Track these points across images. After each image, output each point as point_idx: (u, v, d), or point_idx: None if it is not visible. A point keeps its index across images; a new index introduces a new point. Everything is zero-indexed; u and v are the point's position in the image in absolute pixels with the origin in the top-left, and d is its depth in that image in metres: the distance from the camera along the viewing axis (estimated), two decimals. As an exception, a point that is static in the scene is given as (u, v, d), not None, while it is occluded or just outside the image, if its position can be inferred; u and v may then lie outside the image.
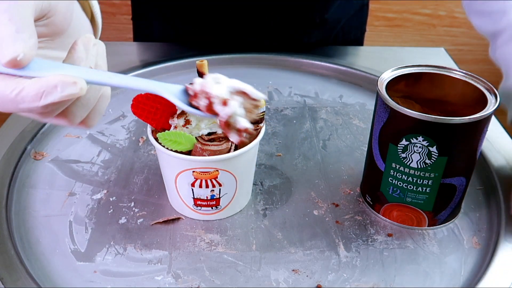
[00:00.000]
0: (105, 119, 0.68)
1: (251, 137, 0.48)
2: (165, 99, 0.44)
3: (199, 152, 0.46)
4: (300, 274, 0.46)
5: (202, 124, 0.47)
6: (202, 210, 0.51)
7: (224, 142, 0.47)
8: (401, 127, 0.45)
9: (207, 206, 0.50)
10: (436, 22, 1.47)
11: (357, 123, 0.69)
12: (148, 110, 0.47)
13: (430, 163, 0.46)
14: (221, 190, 0.49)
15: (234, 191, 0.50)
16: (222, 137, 0.47)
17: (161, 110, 0.47)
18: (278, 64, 0.82)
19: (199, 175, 0.47)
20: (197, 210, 0.51)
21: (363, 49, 0.91)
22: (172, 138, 0.46)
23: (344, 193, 0.56)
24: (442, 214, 0.50)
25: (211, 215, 0.52)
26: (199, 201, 0.50)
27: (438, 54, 0.88)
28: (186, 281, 0.45)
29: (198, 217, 0.52)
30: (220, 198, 0.50)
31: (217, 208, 0.51)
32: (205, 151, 0.46)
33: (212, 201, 0.50)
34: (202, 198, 0.50)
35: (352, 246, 0.49)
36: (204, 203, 0.50)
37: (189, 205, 0.51)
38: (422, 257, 0.48)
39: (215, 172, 0.47)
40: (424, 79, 0.51)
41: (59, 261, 0.47)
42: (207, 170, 0.47)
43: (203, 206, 0.50)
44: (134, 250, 0.48)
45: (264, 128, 0.50)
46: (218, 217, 0.52)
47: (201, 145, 0.46)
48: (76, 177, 0.57)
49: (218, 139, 0.47)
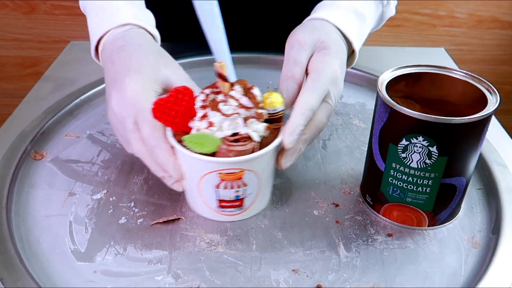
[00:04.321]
0: (105, 119, 0.68)
1: (272, 135, 0.48)
2: (185, 102, 0.46)
3: (225, 153, 0.46)
4: (300, 274, 0.46)
5: (225, 125, 0.46)
6: (226, 212, 0.51)
7: (249, 142, 0.47)
8: (401, 127, 0.45)
9: (231, 207, 0.50)
10: (436, 22, 1.47)
11: (357, 123, 0.69)
12: (168, 113, 0.47)
13: (430, 163, 0.46)
14: (246, 190, 0.49)
15: (258, 190, 0.50)
16: (246, 137, 0.46)
17: (181, 113, 0.47)
18: (278, 64, 0.81)
19: (225, 176, 0.47)
20: (220, 212, 0.51)
21: (363, 49, 0.91)
22: (198, 140, 0.45)
23: (344, 193, 0.56)
24: (442, 214, 0.50)
25: (235, 216, 0.51)
26: (224, 202, 0.49)
27: (438, 54, 0.88)
28: (186, 281, 0.45)
29: (221, 219, 0.51)
30: (244, 199, 0.50)
31: (241, 209, 0.51)
32: (230, 151, 0.46)
33: (237, 202, 0.50)
34: (226, 200, 0.49)
35: (352, 246, 0.49)
36: (228, 204, 0.50)
37: (213, 207, 0.50)
38: (422, 257, 0.48)
39: (240, 173, 0.47)
40: (424, 79, 0.51)
41: (59, 261, 0.47)
42: (233, 171, 0.47)
43: (227, 208, 0.50)
44: (134, 250, 0.48)
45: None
46: (241, 217, 0.52)
47: (227, 146, 0.46)
48: (76, 177, 0.57)
49: (242, 140, 0.46)
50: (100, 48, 0.57)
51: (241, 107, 0.47)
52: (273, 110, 0.49)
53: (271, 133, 0.48)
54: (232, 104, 0.46)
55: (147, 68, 0.51)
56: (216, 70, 0.46)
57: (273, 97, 0.49)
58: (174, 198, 0.54)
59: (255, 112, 0.47)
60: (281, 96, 0.50)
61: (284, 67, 0.53)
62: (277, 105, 0.49)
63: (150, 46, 0.54)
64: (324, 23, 0.57)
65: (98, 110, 0.70)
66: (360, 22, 0.60)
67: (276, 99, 0.49)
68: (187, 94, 0.47)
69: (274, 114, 0.49)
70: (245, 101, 0.47)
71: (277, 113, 0.49)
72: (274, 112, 0.49)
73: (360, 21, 0.60)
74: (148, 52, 0.53)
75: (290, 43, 0.54)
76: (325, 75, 0.51)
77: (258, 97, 0.48)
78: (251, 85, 0.49)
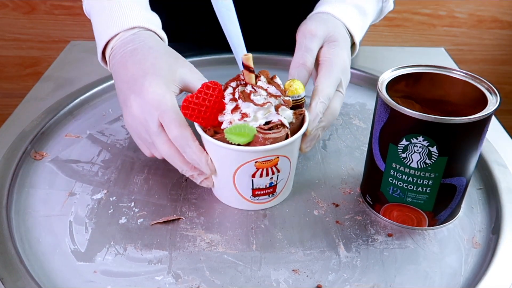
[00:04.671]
0: (105, 119, 0.68)
1: (297, 121, 0.50)
2: (213, 97, 0.47)
3: (261, 142, 0.47)
4: (300, 274, 0.46)
5: (259, 115, 0.47)
6: (260, 200, 0.52)
7: (282, 128, 0.48)
8: (401, 127, 0.45)
9: (265, 195, 0.51)
10: (436, 22, 1.47)
11: (357, 123, 0.69)
12: (198, 109, 0.48)
13: (430, 163, 0.46)
14: (279, 176, 0.50)
15: (288, 175, 0.52)
16: (279, 124, 0.48)
17: (211, 108, 0.48)
18: (278, 64, 0.82)
19: (261, 164, 0.48)
20: (254, 201, 0.52)
21: (363, 49, 0.91)
22: (237, 131, 0.46)
23: (344, 193, 0.56)
24: (442, 214, 0.50)
25: (267, 203, 0.53)
26: (258, 190, 0.51)
27: (438, 54, 0.88)
28: (186, 281, 0.45)
29: (254, 208, 0.53)
30: (277, 185, 0.51)
31: (273, 195, 0.52)
32: (267, 139, 0.47)
33: (270, 188, 0.51)
34: (261, 188, 0.51)
35: (352, 246, 0.49)
36: (262, 192, 0.51)
37: (246, 197, 0.51)
38: (422, 257, 0.48)
39: (276, 159, 0.48)
40: (424, 79, 0.51)
41: (59, 261, 0.47)
42: (270, 158, 0.48)
43: (261, 196, 0.51)
44: (134, 250, 0.48)
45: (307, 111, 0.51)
46: (273, 203, 0.53)
47: (263, 134, 0.47)
48: (76, 177, 0.57)
49: (276, 127, 0.48)
50: (107, 52, 0.57)
51: (270, 96, 0.48)
52: (297, 97, 0.51)
53: (296, 119, 0.50)
54: (262, 94, 0.48)
55: (164, 70, 0.52)
56: (243, 61, 0.48)
57: (296, 84, 0.51)
58: (174, 198, 0.54)
59: (282, 99, 0.49)
60: (302, 83, 0.52)
61: (296, 54, 0.56)
62: (300, 92, 0.51)
63: (162, 48, 0.55)
64: (330, 17, 0.61)
65: (98, 110, 0.70)
66: (362, 17, 0.64)
67: (299, 86, 0.51)
68: (215, 88, 0.48)
69: (298, 100, 0.51)
70: (273, 90, 0.49)
71: (301, 99, 0.51)
72: (299, 99, 0.51)
73: (361, 16, 0.64)
74: (161, 53, 0.54)
75: (302, 32, 0.58)
76: (336, 66, 0.55)
77: (281, 85, 0.50)
78: (272, 75, 0.51)
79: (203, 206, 0.54)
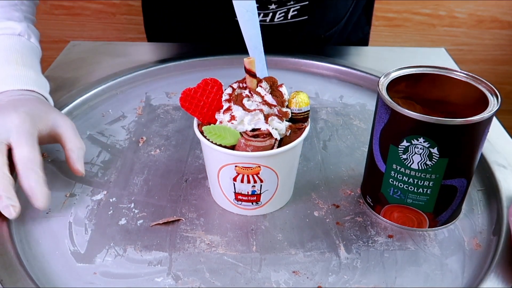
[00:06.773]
0: (105, 119, 0.68)
1: (295, 135, 0.49)
2: (213, 94, 0.47)
3: (243, 147, 0.47)
4: (300, 275, 0.46)
5: (246, 120, 0.47)
6: (243, 205, 0.51)
7: (268, 138, 0.47)
8: (402, 128, 0.45)
9: (248, 201, 0.51)
10: (436, 22, 1.47)
11: (357, 123, 0.68)
12: (196, 103, 0.48)
13: (431, 165, 0.46)
14: (262, 186, 0.49)
15: (275, 188, 0.51)
16: (266, 133, 0.47)
17: (208, 104, 0.48)
18: (278, 64, 0.81)
19: (241, 170, 0.48)
20: (237, 205, 0.52)
21: (363, 49, 0.91)
22: (217, 132, 0.46)
23: (344, 194, 0.56)
24: (443, 215, 0.50)
25: (252, 210, 0.52)
26: (240, 195, 0.50)
27: (439, 54, 0.88)
28: (186, 282, 0.45)
29: (238, 212, 0.52)
30: (261, 194, 0.50)
31: (258, 204, 0.51)
32: (248, 146, 0.47)
33: (253, 196, 0.50)
34: (243, 193, 0.50)
35: (353, 248, 0.49)
36: (245, 198, 0.51)
37: (230, 199, 0.51)
38: (423, 259, 0.48)
39: (257, 168, 0.48)
40: (425, 80, 0.51)
41: (58, 262, 0.47)
42: (249, 165, 0.47)
43: (244, 201, 0.51)
44: (134, 251, 0.48)
45: (308, 127, 0.50)
46: (258, 212, 0.52)
47: (245, 140, 0.47)
48: (75, 178, 0.57)
49: (262, 136, 0.47)
50: None
51: (264, 103, 0.47)
52: (297, 110, 0.49)
53: (293, 133, 0.49)
54: (256, 100, 0.47)
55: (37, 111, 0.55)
56: (245, 65, 0.47)
57: (300, 96, 0.49)
58: (174, 200, 0.54)
59: (278, 110, 0.48)
60: (307, 96, 0.50)
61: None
62: (302, 106, 0.49)
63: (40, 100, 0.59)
64: None
65: (98, 110, 0.70)
66: None
67: (302, 99, 0.49)
68: (214, 86, 0.48)
69: (299, 114, 0.49)
70: (269, 99, 0.48)
71: (302, 113, 0.50)
72: (299, 112, 0.49)
73: None
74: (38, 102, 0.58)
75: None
76: None
77: (286, 95, 0.49)
78: (280, 83, 0.50)
79: (203, 207, 0.54)
